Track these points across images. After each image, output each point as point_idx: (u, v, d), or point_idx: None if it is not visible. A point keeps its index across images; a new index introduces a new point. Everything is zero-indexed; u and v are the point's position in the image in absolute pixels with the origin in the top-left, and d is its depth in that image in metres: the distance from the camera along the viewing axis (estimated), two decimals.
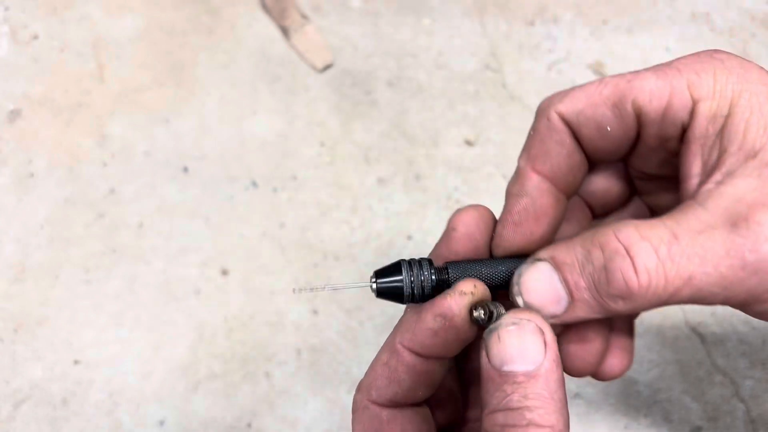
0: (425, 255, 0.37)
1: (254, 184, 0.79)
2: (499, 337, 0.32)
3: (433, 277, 0.35)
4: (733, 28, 0.90)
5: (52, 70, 0.85)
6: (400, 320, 0.36)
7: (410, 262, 0.35)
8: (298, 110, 0.83)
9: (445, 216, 0.77)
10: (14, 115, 0.83)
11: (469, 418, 0.41)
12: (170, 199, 0.78)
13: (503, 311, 0.33)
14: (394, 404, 0.35)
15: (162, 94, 0.84)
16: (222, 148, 0.81)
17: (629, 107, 0.34)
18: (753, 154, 0.31)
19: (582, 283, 0.32)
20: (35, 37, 0.87)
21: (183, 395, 0.70)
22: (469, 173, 0.79)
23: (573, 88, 0.36)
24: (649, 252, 0.30)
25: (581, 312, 0.33)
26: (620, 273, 0.30)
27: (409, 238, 0.75)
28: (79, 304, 0.73)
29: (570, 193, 0.38)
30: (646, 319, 0.72)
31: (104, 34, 0.87)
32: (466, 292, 0.34)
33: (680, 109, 0.33)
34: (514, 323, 0.32)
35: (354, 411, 0.36)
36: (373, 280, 0.35)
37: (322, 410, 0.69)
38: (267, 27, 0.88)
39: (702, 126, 0.33)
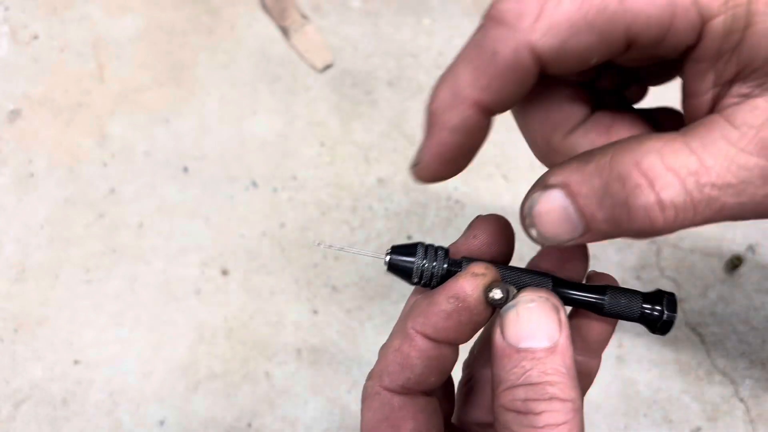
0: None
1: (254, 184, 0.79)
2: (518, 314, 0.32)
3: (445, 265, 0.35)
4: None
5: (52, 70, 0.85)
6: (410, 306, 0.36)
7: (428, 248, 0.36)
8: (298, 110, 0.83)
9: (445, 216, 0.77)
10: (14, 115, 0.83)
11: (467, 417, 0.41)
12: (170, 199, 0.78)
13: (515, 291, 0.33)
14: (406, 390, 0.35)
15: (162, 94, 0.84)
16: (222, 148, 0.81)
17: (621, 35, 0.28)
18: None
19: (600, 216, 0.30)
20: (35, 37, 0.87)
21: (183, 395, 0.70)
22: (468, 173, 0.79)
23: (546, 2, 0.28)
24: (677, 185, 0.27)
25: (596, 238, 0.31)
26: (644, 210, 0.28)
27: (409, 238, 0.75)
28: (79, 304, 0.73)
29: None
30: None
31: (104, 34, 0.87)
32: (478, 273, 0.33)
33: (685, 32, 0.28)
34: (533, 300, 0.32)
35: (364, 398, 0.35)
36: (388, 252, 0.36)
37: (322, 410, 0.69)
38: (267, 27, 0.88)
39: (713, 46, 0.28)
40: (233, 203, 0.78)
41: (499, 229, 0.37)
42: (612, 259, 0.74)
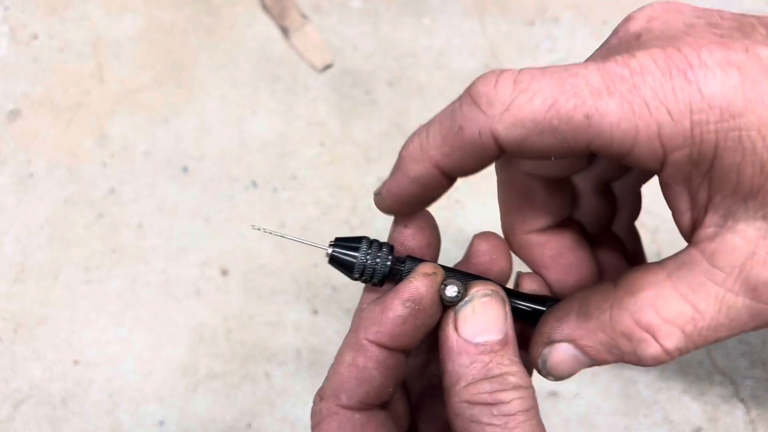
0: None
1: (254, 184, 0.79)
2: (473, 310, 0.33)
3: (388, 263, 0.35)
4: None
5: (52, 70, 0.85)
6: (358, 318, 0.35)
7: (372, 242, 0.35)
8: (298, 110, 0.83)
9: (444, 216, 0.77)
10: (14, 115, 0.83)
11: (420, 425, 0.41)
12: (170, 199, 0.78)
13: (464, 287, 0.34)
14: (366, 406, 0.34)
15: (162, 94, 0.84)
16: (222, 148, 0.81)
17: (583, 146, 0.29)
18: (753, 195, 0.28)
19: (610, 359, 0.32)
20: (35, 37, 0.87)
21: (183, 395, 0.70)
22: None
23: (518, 96, 0.29)
24: (677, 334, 0.30)
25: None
26: (653, 359, 0.31)
27: None
28: (79, 304, 0.73)
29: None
30: None
31: (104, 34, 0.87)
32: (429, 273, 0.34)
33: (647, 158, 0.28)
34: (486, 295, 0.33)
35: (318, 422, 0.34)
36: (331, 244, 0.36)
37: None
38: (267, 27, 0.88)
39: (678, 174, 0.29)
40: (233, 203, 0.78)
41: (423, 217, 0.38)
42: None
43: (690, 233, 0.31)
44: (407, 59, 0.86)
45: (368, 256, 0.35)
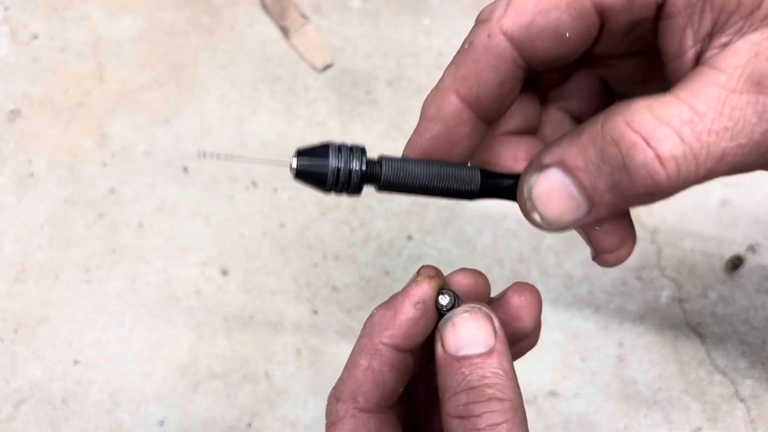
0: (425, 255, 0.38)
1: (254, 184, 0.79)
2: (454, 325, 0.33)
3: (364, 167, 0.32)
4: None
5: (52, 70, 0.85)
6: (369, 324, 0.36)
7: (340, 147, 0.32)
8: (298, 110, 0.83)
9: (445, 216, 0.77)
10: (14, 115, 0.83)
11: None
12: (170, 199, 0.78)
13: (458, 298, 0.35)
14: (380, 408, 0.35)
15: (162, 94, 0.84)
16: (222, 148, 0.81)
17: (589, 4, 0.29)
18: (757, 5, 0.27)
19: (602, 186, 0.29)
20: (35, 37, 0.87)
21: (183, 395, 0.70)
22: None
23: None
24: (673, 137, 0.26)
25: (603, 213, 0.30)
26: (644, 169, 0.27)
27: (409, 238, 0.75)
28: (79, 304, 0.73)
29: (492, 121, 0.34)
30: (646, 319, 0.72)
31: (104, 34, 0.87)
32: (433, 276, 0.35)
33: None
34: (466, 311, 0.34)
35: (334, 422, 0.35)
36: (294, 157, 0.32)
37: (322, 410, 0.69)
38: (267, 27, 0.88)
39: (680, 1, 0.28)
40: (233, 203, 0.78)
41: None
42: None
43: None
44: (407, 59, 0.86)
45: (340, 165, 0.31)
